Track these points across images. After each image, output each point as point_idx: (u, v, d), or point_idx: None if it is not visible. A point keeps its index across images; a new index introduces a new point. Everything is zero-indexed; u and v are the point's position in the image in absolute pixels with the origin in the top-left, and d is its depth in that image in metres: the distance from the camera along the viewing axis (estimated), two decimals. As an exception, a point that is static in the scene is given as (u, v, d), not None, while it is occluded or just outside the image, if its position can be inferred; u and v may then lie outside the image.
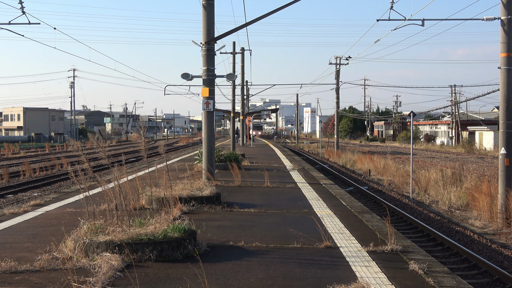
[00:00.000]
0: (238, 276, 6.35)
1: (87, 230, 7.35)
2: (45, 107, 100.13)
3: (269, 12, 15.87)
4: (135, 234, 7.08)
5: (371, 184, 25.03)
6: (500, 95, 15.07)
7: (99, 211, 9.03)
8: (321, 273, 6.52)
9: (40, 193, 19.91)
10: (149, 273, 6.41)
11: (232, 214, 10.80)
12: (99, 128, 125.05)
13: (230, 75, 17.43)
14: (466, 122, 72.40)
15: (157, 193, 11.05)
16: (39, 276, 6.19)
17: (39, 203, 12.35)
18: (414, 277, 6.44)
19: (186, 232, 7.37)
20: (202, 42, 15.73)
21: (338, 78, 48.87)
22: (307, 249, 7.77)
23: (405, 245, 8.12)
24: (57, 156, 38.37)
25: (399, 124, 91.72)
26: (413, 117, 21.16)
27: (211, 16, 15.72)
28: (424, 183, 21.44)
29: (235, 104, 38.75)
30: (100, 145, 8.21)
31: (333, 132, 70.80)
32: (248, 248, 7.80)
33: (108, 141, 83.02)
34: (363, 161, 34.59)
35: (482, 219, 14.99)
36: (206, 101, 15.85)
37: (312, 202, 12.78)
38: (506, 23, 14.80)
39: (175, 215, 9.57)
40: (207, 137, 16.19)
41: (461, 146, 59.70)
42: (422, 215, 16.23)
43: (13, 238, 8.42)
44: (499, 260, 10.99)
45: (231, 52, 36.93)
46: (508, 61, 14.80)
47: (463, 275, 9.57)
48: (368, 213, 11.36)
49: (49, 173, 28.44)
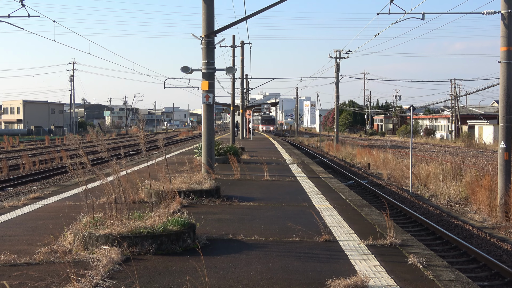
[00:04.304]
0: (237, 269, 6.36)
1: (86, 223, 7.35)
2: (45, 100, 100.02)
3: (269, 5, 15.82)
4: (134, 227, 7.09)
5: (371, 178, 25.05)
6: (500, 89, 15.05)
7: (98, 204, 9.02)
8: (320, 267, 6.52)
9: (39, 186, 19.92)
10: (148, 266, 6.42)
11: (232, 207, 10.81)
12: (99, 121, 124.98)
13: (230, 68, 17.39)
14: (466, 116, 72.35)
15: (156, 187, 11.05)
16: (39, 269, 6.20)
17: (39, 196, 12.35)
18: (413, 271, 6.45)
19: (185, 225, 7.38)
20: (202, 35, 15.69)
21: (338, 71, 48.80)
22: (306, 242, 7.78)
23: (404, 239, 8.12)
24: (57, 149, 38.35)
25: (399, 118, 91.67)
26: (413, 111, 21.14)
27: (211, 9, 15.67)
28: (424, 177, 21.44)
29: (235, 97, 38.72)
30: (99, 139, 8.20)
31: (332, 125, 70.75)
32: (247, 241, 7.80)
33: (108, 134, 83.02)
34: (362, 155, 34.60)
35: (481, 213, 15.00)
36: (206, 94, 15.83)
37: (312, 195, 12.79)
38: (506, 17, 14.76)
39: (175, 208, 9.58)
40: (207, 131, 16.17)
41: (460, 140, 59.68)
42: (421, 209, 16.25)
43: (12, 231, 8.42)
44: (498, 254, 11.01)
45: (231, 45, 36.86)
46: (508, 55, 14.78)
47: (462, 268, 9.59)
48: (368, 207, 11.37)
49: (48, 166, 28.44)
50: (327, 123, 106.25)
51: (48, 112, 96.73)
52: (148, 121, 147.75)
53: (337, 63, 48.04)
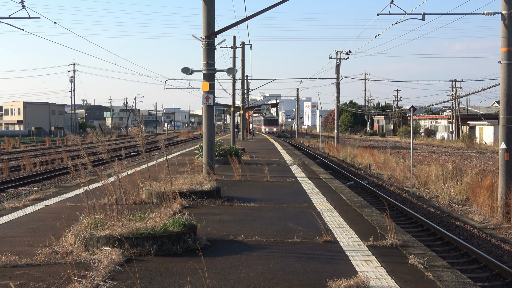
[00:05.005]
0: (238, 270, 6.36)
1: (87, 225, 7.36)
2: (45, 101, 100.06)
3: (270, 6, 15.85)
4: (135, 228, 7.09)
5: (371, 178, 25.05)
6: (501, 90, 15.05)
7: (99, 205, 9.03)
8: (321, 267, 6.53)
9: (40, 187, 19.93)
10: (149, 267, 6.42)
11: (232, 208, 10.81)
12: (99, 122, 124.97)
13: (230, 69, 17.40)
14: (467, 117, 72.33)
15: (157, 188, 11.05)
16: (40, 270, 6.20)
17: (39, 197, 12.35)
18: (414, 272, 6.45)
19: (186, 226, 7.38)
20: (202, 36, 15.70)
21: (338, 72, 48.80)
22: (307, 243, 7.78)
23: (405, 240, 8.12)
24: (58, 150, 38.36)
25: (400, 118, 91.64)
26: (414, 111, 21.15)
27: (211, 10, 15.69)
28: (424, 178, 21.45)
29: (235, 98, 38.71)
30: (99, 140, 8.21)
31: (333, 126, 70.76)
32: (248, 242, 7.80)
33: (108, 136, 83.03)
34: (363, 156, 34.60)
35: (482, 213, 15.00)
36: (206, 95, 15.83)
37: (312, 196, 12.79)
38: (506, 18, 14.77)
39: (175, 209, 9.58)
40: (207, 132, 16.18)
41: (461, 141, 59.66)
42: (422, 210, 16.25)
43: (13, 232, 8.43)
44: (499, 255, 11.01)
45: (232, 46, 36.88)
46: (509, 55, 14.78)
47: (463, 269, 9.59)
48: (368, 208, 11.37)
49: (49, 167, 28.46)
50: (327, 124, 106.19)
51: (48, 113, 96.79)
52: (149, 122, 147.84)
53: (338, 63, 48.05)
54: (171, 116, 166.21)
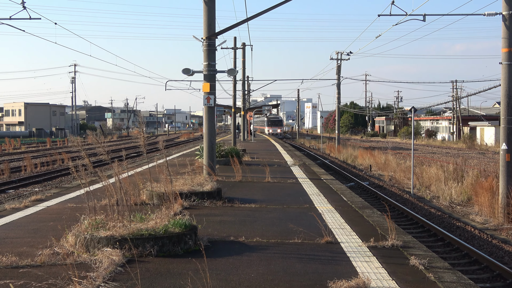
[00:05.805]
0: (239, 271, 6.36)
1: (88, 225, 7.36)
2: (46, 102, 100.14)
3: (270, 7, 15.85)
4: (136, 229, 7.09)
5: (372, 179, 25.04)
6: (502, 91, 15.04)
7: (100, 206, 9.02)
8: (322, 268, 6.52)
9: (41, 188, 19.93)
10: (150, 268, 6.42)
11: (233, 209, 10.81)
12: (100, 123, 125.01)
13: (231, 70, 17.40)
14: (467, 118, 72.30)
15: (157, 189, 11.04)
16: (40, 271, 6.20)
17: (40, 198, 12.36)
18: (415, 273, 6.45)
19: (187, 227, 7.38)
20: (203, 37, 15.71)
21: (339, 73, 48.79)
22: (308, 244, 7.77)
23: (405, 241, 8.12)
24: (58, 151, 38.37)
25: (400, 119, 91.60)
26: (414, 112, 21.15)
27: (212, 11, 15.69)
28: (425, 179, 21.44)
29: (236, 99, 38.73)
30: (98, 142, 8.21)
31: (334, 127, 70.76)
32: (249, 243, 7.80)
33: (109, 136, 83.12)
34: (364, 157, 34.59)
35: (483, 214, 14.99)
36: (207, 96, 15.84)
37: (313, 197, 12.78)
38: (507, 18, 14.76)
39: (176, 210, 9.58)
40: (208, 132, 16.18)
41: (462, 142, 59.64)
42: (423, 211, 16.24)
43: (14, 233, 8.43)
44: (500, 256, 11.00)
45: (232, 47, 36.88)
46: (510, 56, 14.77)
47: (464, 270, 9.59)
48: (369, 209, 11.36)
49: (50, 168, 28.47)
50: (328, 125, 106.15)
51: (49, 114, 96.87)
52: (150, 123, 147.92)
53: (338, 64, 48.04)
54: (172, 117, 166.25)
